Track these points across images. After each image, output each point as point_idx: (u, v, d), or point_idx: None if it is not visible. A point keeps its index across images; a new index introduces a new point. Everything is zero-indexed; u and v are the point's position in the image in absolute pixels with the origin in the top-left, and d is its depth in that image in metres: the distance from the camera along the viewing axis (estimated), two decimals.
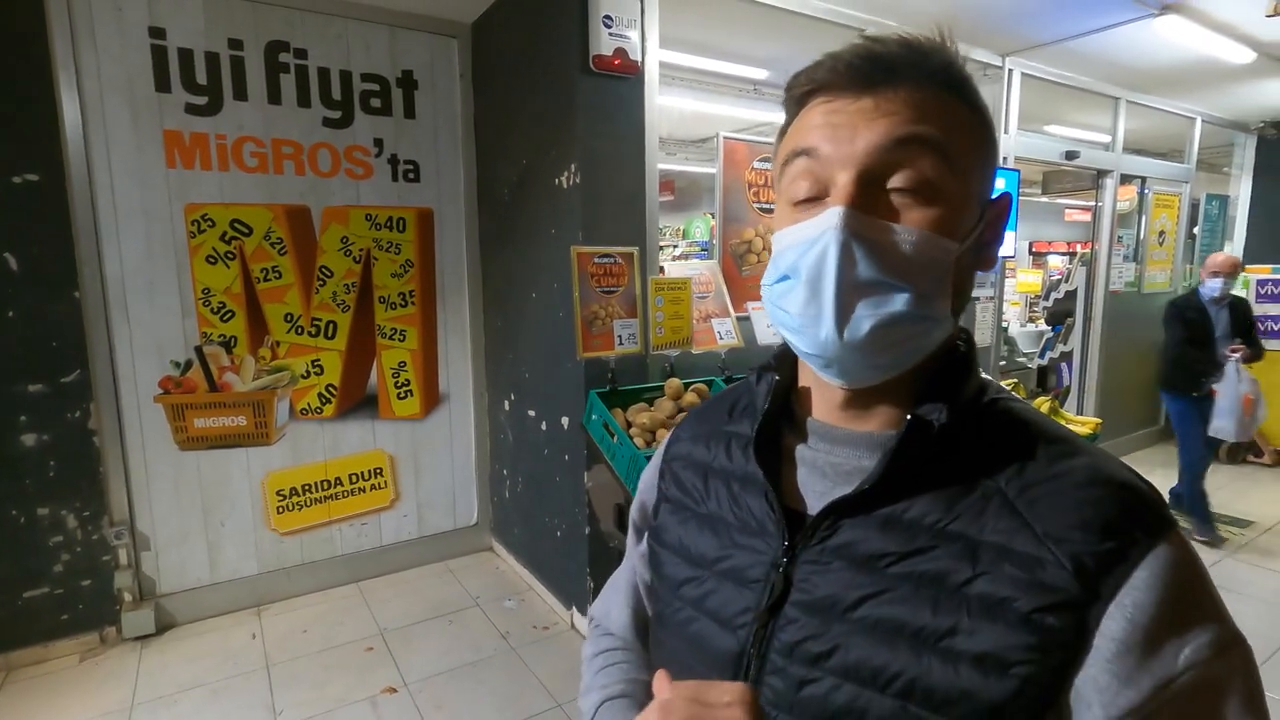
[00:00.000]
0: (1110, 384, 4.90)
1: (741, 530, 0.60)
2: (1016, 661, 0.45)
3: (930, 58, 0.51)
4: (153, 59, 2.60)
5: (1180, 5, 3.12)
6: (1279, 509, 4.04)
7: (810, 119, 0.52)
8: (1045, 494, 0.49)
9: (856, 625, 0.51)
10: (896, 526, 0.52)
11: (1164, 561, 0.45)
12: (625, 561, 0.82)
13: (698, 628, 0.61)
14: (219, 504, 2.91)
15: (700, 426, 0.71)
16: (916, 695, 0.48)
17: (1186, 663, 0.44)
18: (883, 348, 0.50)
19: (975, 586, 0.48)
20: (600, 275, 2.40)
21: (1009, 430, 0.53)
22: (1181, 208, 5.20)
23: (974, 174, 0.52)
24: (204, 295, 2.78)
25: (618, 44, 2.42)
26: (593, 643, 0.80)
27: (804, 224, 0.51)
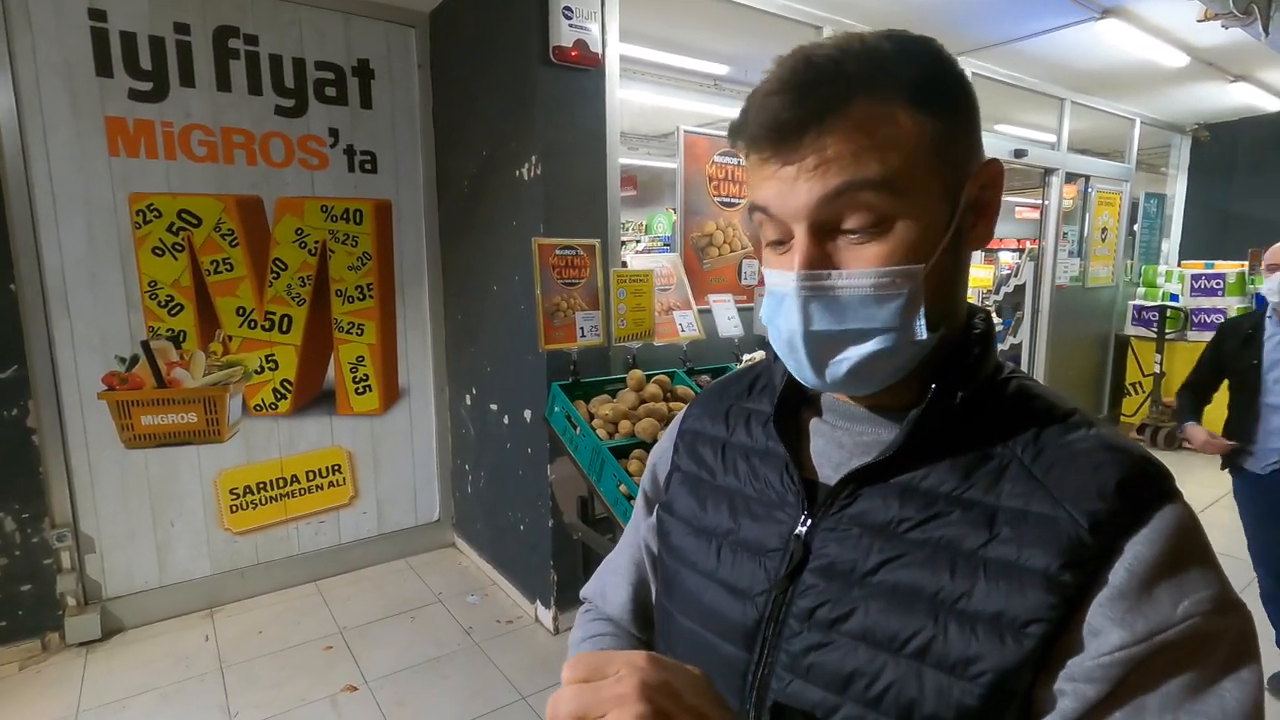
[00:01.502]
0: (1057, 374, 5.09)
1: (760, 502, 0.62)
2: (1032, 620, 0.46)
3: (841, 93, 0.48)
4: (93, 42, 2.50)
5: (1119, 9, 3.26)
6: (1210, 492, 4.26)
7: (758, 174, 0.53)
8: (1060, 460, 0.50)
9: (874, 590, 0.52)
10: (914, 494, 0.53)
11: (1169, 520, 0.47)
12: (625, 539, 0.81)
13: (712, 597, 0.61)
14: (168, 504, 2.82)
15: (718, 403, 0.72)
16: (931, 656, 0.49)
17: (1184, 613, 0.44)
18: (867, 378, 0.54)
19: (992, 550, 0.49)
20: (562, 267, 2.40)
21: (1023, 403, 0.55)
22: (1122, 206, 5.42)
23: (932, 179, 0.50)
24: (150, 288, 2.69)
25: (578, 35, 2.42)
26: (581, 627, 0.78)
27: (774, 274, 0.54)
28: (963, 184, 0.52)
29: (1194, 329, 5.20)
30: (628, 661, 0.40)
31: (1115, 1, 3.18)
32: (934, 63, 0.51)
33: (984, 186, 0.53)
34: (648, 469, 0.79)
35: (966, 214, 0.53)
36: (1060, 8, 3.21)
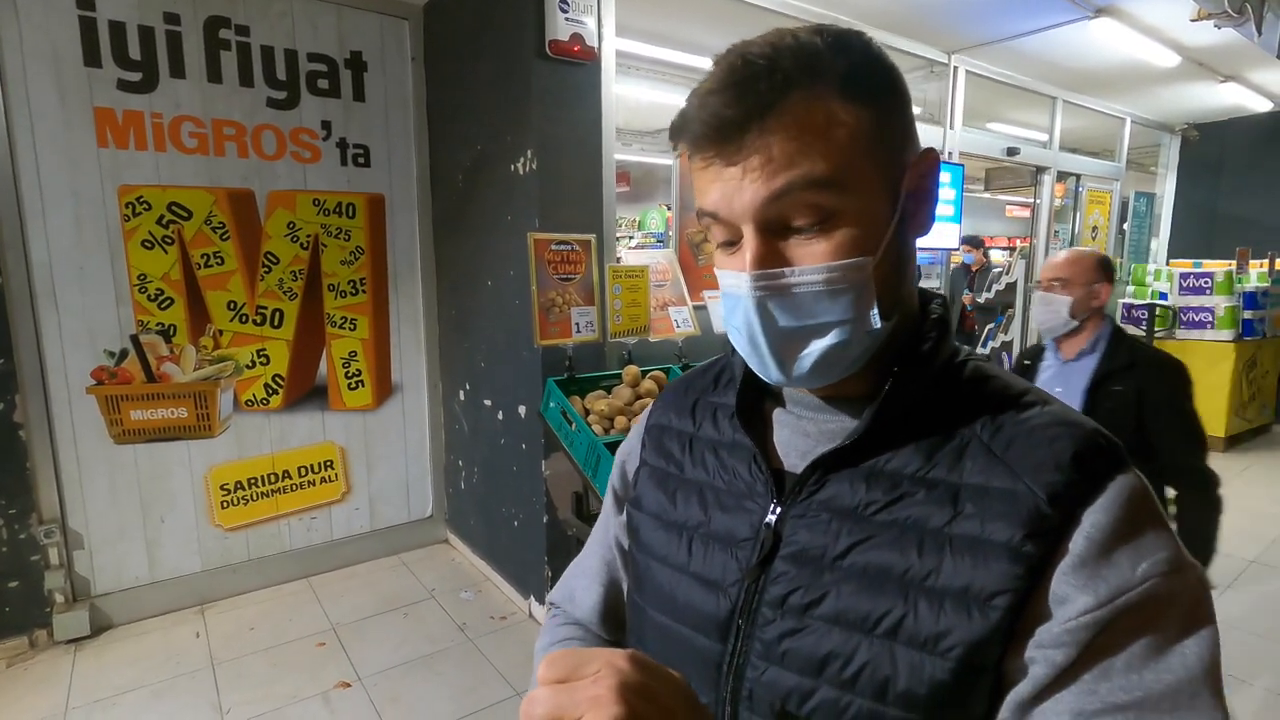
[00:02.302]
0: None
1: (729, 494, 0.62)
2: (998, 592, 0.47)
3: (778, 87, 0.48)
4: (81, 31, 2.46)
5: (1113, 8, 3.28)
6: None
7: (703, 178, 0.53)
8: (1017, 436, 0.52)
9: (845, 573, 0.53)
10: (880, 477, 0.54)
11: (1122, 488, 0.49)
12: (595, 537, 0.81)
13: (685, 590, 0.62)
14: (158, 499, 2.79)
15: (684, 397, 0.72)
16: (903, 634, 0.50)
17: (1143, 575, 0.46)
18: (828, 370, 0.54)
19: (956, 526, 0.50)
20: (558, 262, 2.39)
21: (980, 385, 0.57)
22: (1112, 204, 5.46)
23: (873, 172, 0.51)
24: (140, 281, 2.66)
25: (574, 29, 2.41)
26: (549, 631, 0.78)
27: (727, 275, 0.54)
28: (902, 174, 0.53)
29: (1182, 327, 5.26)
30: (607, 661, 0.38)
31: (1109, 0, 3.20)
32: (863, 54, 0.51)
33: (923, 175, 0.55)
34: (616, 466, 0.78)
35: (908, 203, 0.54)
36: (1054, 6, 3.22)
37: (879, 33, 3.52)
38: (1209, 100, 5.03)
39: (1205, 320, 5.14)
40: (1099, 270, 1.81)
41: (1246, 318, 5.06)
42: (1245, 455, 5.03)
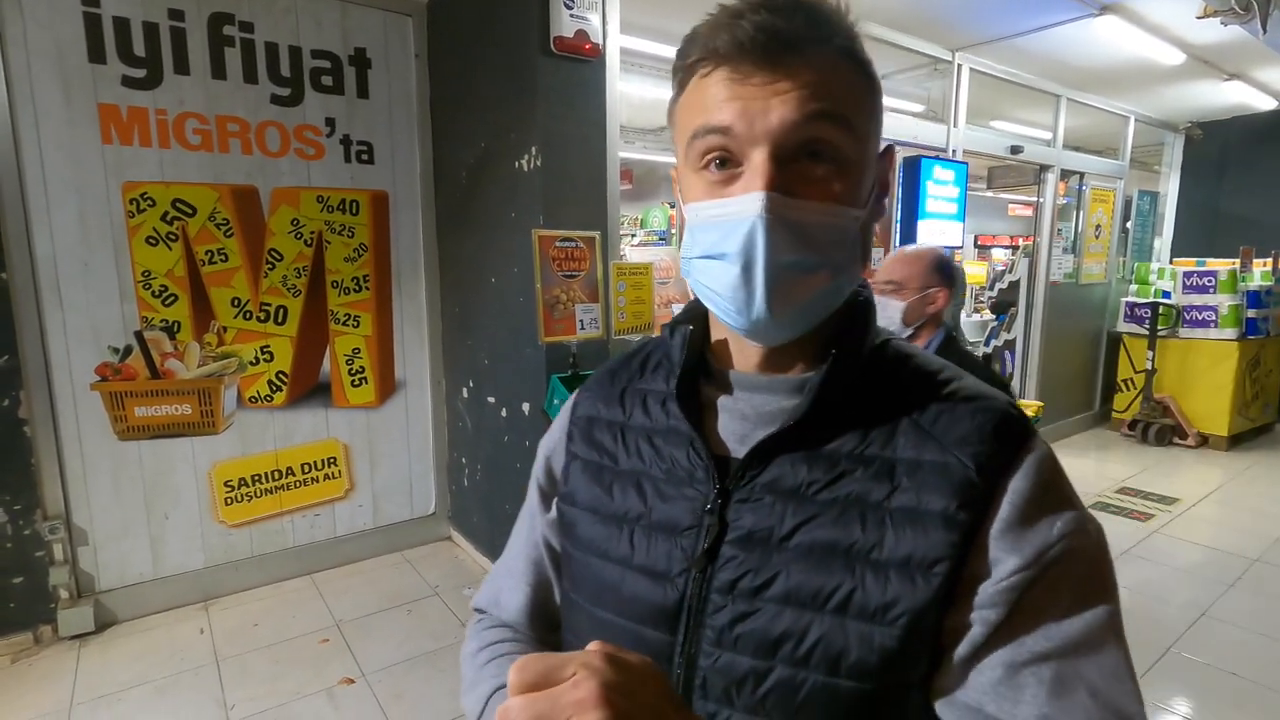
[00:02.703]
0: (1050, 370, 5.12)
1: (668, 482, 0.61)
2: (938, 559, 0.50)
3: (832, 31, 0.51)
4: (85, 27, 2.46)
5: (1118, 6, 3.27)
6: (1201, 487, 4.30)
7: (715, 92, 0.51)
8: (942, 412, 0.55)
9: (793, 553, 0.54)
10: (820, 457, 0.56)
11: (1038, 457, 0.53)
12: (519, 538, 0.77)
13: (629, 584, 0.60)
14: (162, 496, 2.80)
15: (611, 386, 0.71)
16: (852, 608, 0.51)
17: (1059, 534, 0.50)
18: (806, 315, 0.55)
19: (895, 500, 0.53)
20: (562, 259, 2.39)
21: (902, 364, 0.60)
22: (1116, 203, 5.45)
23: (871, 139, 0.54)
24: (144, 278, 2.66)
25: (579, 26, 2.40)
26: (476, 637, 0.74)
27: (725, 202, 0.52)
28: (878, 158, 0.57)
29: (1186, 326, 5.25)
30: (583, 663, 0.37)
31: None
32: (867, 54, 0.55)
33: (887, 169, 0.59)
34: (540, 462, 0.75)
35: (876, 186, 0.57)
36: (1059, 4, 3.22)
37: (884, 30, 3.51)
38: (1213, 99, 5.02)
39: (1209, 319, 5.13)
40: (935, 273, 1.64)
41: (1250, 316, 5.05)
42: (1248, 454, 5.03)
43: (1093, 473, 4.64)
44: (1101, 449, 5.23)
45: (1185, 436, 5.16)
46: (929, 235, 3.76)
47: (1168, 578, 3.12)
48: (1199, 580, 3.08)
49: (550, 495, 0.73)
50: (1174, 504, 4.01)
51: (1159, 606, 2.84)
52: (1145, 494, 4.17)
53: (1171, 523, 3.74)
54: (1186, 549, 3.42)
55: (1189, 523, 3.75)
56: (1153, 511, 3.88)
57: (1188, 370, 5.22)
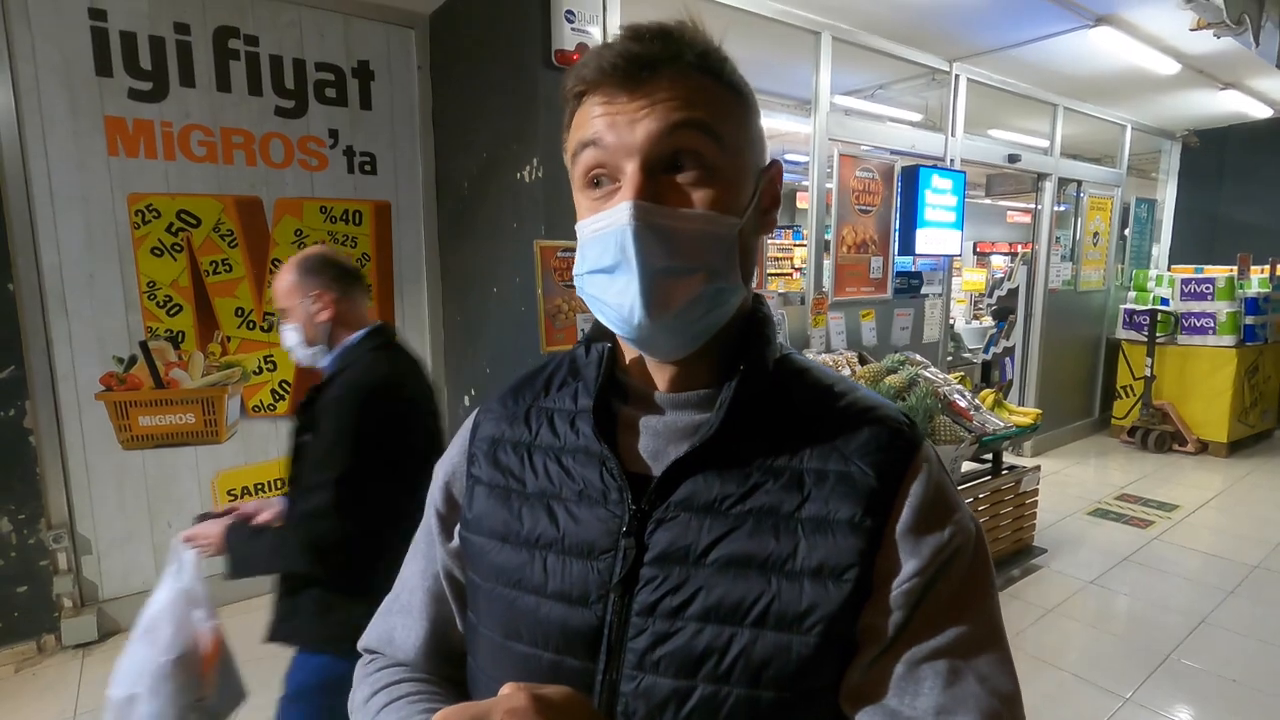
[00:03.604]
0: (1049, 377, 5.14)
1: (580, 503, 0.59)
2: (848, 566, 0.53)
3: (687, 48, 0.54)
4: (93, 42, 2.49)
5: (1113, 17, 3.30)
6: (1200, 494, 4.31)
7: (590, 112, 0.54)
8: (842, 422, 0.58)
9: (711, 568, 0.54)
10: (731, 471, 0.57)
11: (930, 462, 0.57)
12: (413, 569, 0.72)
13: (545, 612, 0.58)
14: (166, 505, 2.81)
15: (515, 405, 0.68)
16: (770, 620, 0.53)
17: (950, 535, 0.54)
18: (688, 323, 0.55)
19: (805, 510, 0.55)
20: (564, 269, 2.41)
21: (800, 377, 0.62)
22: (1114, 210, 5.48)
23: (744, 150, 0.56)
24: (149, 288, 2.68)
25: (580, 39, 2.43)
26: (367, 682, 0.67)
27: (601, 215, 0.54)
28: (761, 170, 0.59)
29: (1184, 333, 5.27)
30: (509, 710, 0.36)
31: (1109, 9, 3.23)
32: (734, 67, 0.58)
33: (771, 180, 0.60)
34: (438, 487, 0.70)
35: (762, 198, 0.59)
36: (1055, 15, 3.25)
37: (882, 41, 3.55)
38: (1209, 107, 5.05)
39: (1207, 326, 5.15)
40: (305, 279, 1.43)
41: (1248, 323, 5.07)
42: (1247, 460, 5.04)
43: (1092, 479, 4.65)
44: (1101, 455, 5.24)
45: (1185, 443, 5.18)
46: (926, 243, 3.79)
47: (1167, 584, 3.13)
48: (1199, 587, 3.09)
49: (450, 522, 0.68)
50: (1174, 510, 4.02)
51: (1159, 613, 2.85)
52: (1145, 501, 4.18)
53: (1171, 529, 3.75)
54: (1186, 555, 3.43)
55: (1189, 529, 3.76)
56: (1152, 518, 3.89)
57: (1186, 377, 5.24)
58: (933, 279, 4.13)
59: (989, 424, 3.08)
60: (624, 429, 0.62)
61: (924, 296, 4.04)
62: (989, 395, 3.46)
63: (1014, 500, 3.24)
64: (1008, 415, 3.36)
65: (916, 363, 3.27)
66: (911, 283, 3.97)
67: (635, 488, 0.58)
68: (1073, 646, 2.61)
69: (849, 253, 3.62)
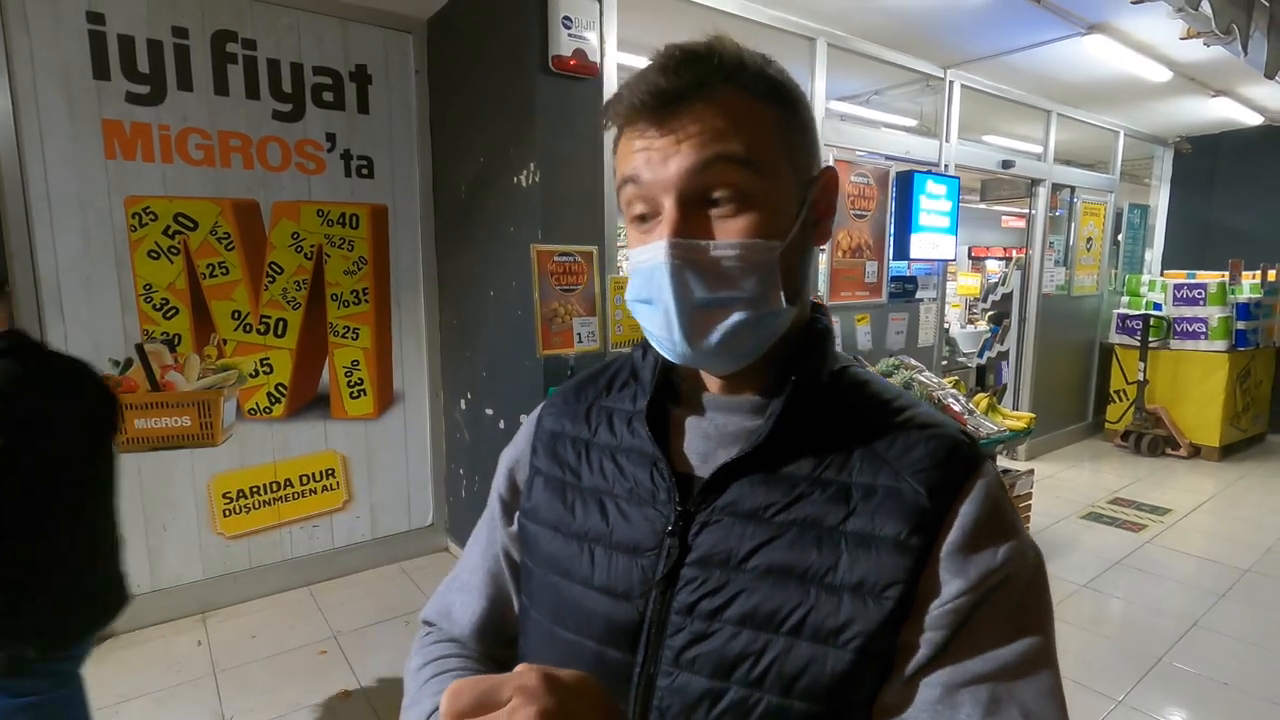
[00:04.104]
0: (1043, 381, 5.17)
1: (630, 501, 0.62)
2: (890, 583, 0.52)
3: (715, 73, 0.53)
4: (91, 45, 2.50)
5: (1105, 25, 3.33)
6: (1193, 498, 4.34)
7: (627, 149, 0.56)
8: (897, 438, 0.57)
9: (751, 574, 0.55)
10: (778, 479, 0.57)
11: (986, 483, 0.55)
12: (477, 549, 0.76)
13: (590, 603, 0.61)
14: (161, 508, 2.81)
15: (577, 403, 0.71)
16: (806, 630, 0.53)
17: (1002, 559, 0.52)
18: (732, 348, 0.57)
19: (850, 524, 0.54)
20: (560, 273, 2.42)
21: (859, 391, 0.62)
22: (1107, 216, 5.52)
23: (785, 167, 0.55)
24: (145, 291, 2.68)
25: (576, 45, 2.45)
26: (421, 651, 0.72)
27: (642, 250, 0.56)
28: (809, 182, 0.58)
29: (1177, 338, 5.30)
30: (520, 687, 0.36)
31: (1101, 18, 3.26)
32: (780, 72, 0.57)
33: (824, 188, 0.59)
34: (502, 474, 0.75)
35: (811, 210, 0.58)
36: (1047, 23, 3.28)
37: (877, 48, 3.58)
38: (1201, 114, 5.10)
39: (1199, 331, 5.19)
40: None
41: (1240, 328, 5.11)
42: (1239, 465, 5.07)
43: (1086, 483, 4.67)
44: (1095, 459, 5.26)
45: (1177, 447, 5.20)
46: (921, 248, 3.81)
47: (1160, 588, 3.15)
48: (1191, 590, 3.11)
49: (512, 508, 0.73)
50: (1166, 514, 4.04)
51: (1151, 616, 2.87)
52: (1138, 504, 4.20)
53: (1164, 533, 3.77)
54: (1179, 559, 3.45)
55: (1181, 533, 3.79)
56: (1145, 522, 3.91)
57: (1179, 381, 5.28)
58: (927, 283, 4.15)
59: (983, 428, 3.10)
60: (675, 430, 0.64)
61: (919, 301, 4.06)
62: (983, 399, 3.48)
63: None
64: (1001, 419, 3.38)
65: (911, 367, 3.29)
66: (906, 287, 3.99)
67: (682, 488, 0.60)
68: (1066, 649, 2.63)
69: (844, 257, 3.64)
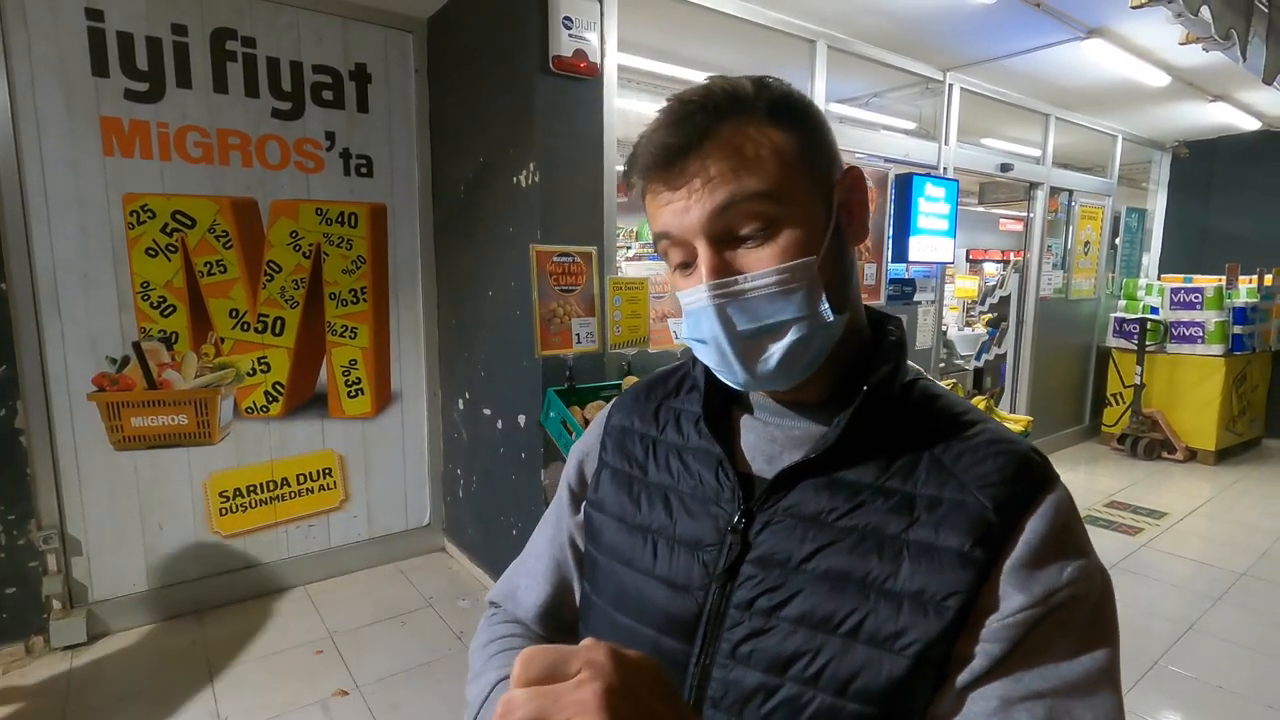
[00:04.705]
0: (1040, 384, 5.18)
1: (695, 499, 0.64)
2: (951, 594, 0.52)
3: (712, 115, 0.55)
4: (89, 42, 2.49)
5: (1104, 30, 3.34)
6: (1189, 501, 4.35)
7: (654, 205, 0.58)
8: (965, 451, 0.57)
9: (809, 576, 0.56)
10: (841, 485, 0.58)
11: (1056, 501, 0.55)
12: (544, 535, 0.79)
13: (650, 592, 0.63)
14: (157, 506, 2.80)
15: (646, 402, 0.74)
16: (863, 634, 0.53)
17: (1068, 578, 0.52)
18: (788, 366, 0.58)
19: (912, 533, 0.55)
20: (559, 274, 2.42)
21: (928, 403, 0.62)
22: (1104, 220, 5.53)
23: (804, 182, 0.57)
24: (143, 289, 2.67)
25: (577, 45, 2.45)
26: (486, 630, 0.76)
27: (688, 293, 0.58)
28: (832, 188, 0.59)
29: (1173, 341, 5.32)
30: (587, 661, 0.36)
31: (1101, 22, 3.27)
32: (783, 90, 0.58)
33: (849, 189, 0.60)
34: (572, 465, 0.78)
35: (841, 214, 0.59)
36: (1047, 27, 3.28)
37: (876, 50, 3.58)
38: (1199, 119, 5.11)
39: (1196, 335, 5.20)
40: None
41: (1236, 332, 5.12)
42: (1235, 469, 5.08)
43: (1083, 486, 4.68)
44: (1091, 462, 5.27)
45: (1174, 451, 5.22)
46: (919, 251, 3.82)
47: (1156, 591, 3.15)
48: (1187, 594, 3.12)
49: (580, 498, 0.76)
50: (1162, 518, 4.05)
51: (1147, 620, 2.87)
52: (1134, 508, 4.21)
53: (1160, 537, 3.78)
54: (1174, 563, 3.46)
55: (1177, 537, 3.79)
56: (1141, 525, 3.92)
57: (1176, 385, 5.29)
58: (925, 286, 4.16)
59: None
60: (740, 432, 0.66)
61: (917, 304, 4.07)
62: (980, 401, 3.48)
63: None
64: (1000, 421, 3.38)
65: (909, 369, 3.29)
66: (905, 290, 3.99)
67: (745, 487, 0.62)
68: None
69: None
